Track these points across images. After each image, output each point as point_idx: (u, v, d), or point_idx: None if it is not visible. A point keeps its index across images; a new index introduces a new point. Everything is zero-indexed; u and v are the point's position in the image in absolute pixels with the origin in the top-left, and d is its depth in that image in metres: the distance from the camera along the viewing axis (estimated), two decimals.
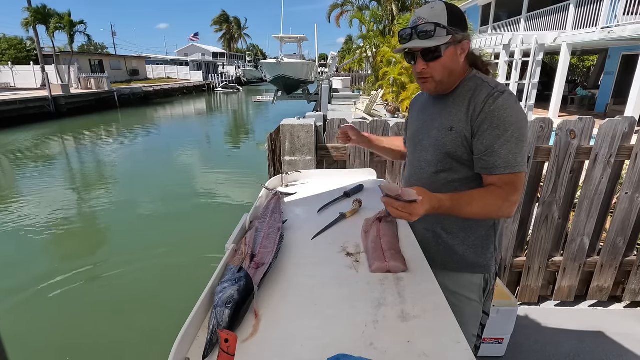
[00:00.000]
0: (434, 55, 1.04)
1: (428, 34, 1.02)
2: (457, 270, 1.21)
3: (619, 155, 2.11)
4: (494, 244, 1.21)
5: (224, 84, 41.63)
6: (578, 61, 19.45)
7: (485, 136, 1.01)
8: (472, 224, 1.18)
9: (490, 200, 1.01)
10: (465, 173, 1.11)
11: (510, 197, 1.01)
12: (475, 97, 1.04)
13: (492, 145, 1.00)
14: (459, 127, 1.06)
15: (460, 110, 1.07)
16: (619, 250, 2.34)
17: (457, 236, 1.19)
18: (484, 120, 1.01)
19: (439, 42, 1.02)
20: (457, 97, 1.10)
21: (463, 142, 1.06)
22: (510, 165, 1.00)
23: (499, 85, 1.05)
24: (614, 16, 9.17)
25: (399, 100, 12.39)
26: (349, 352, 0.65)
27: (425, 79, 1.09)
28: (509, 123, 0.99)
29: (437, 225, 1.20)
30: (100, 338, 3.41)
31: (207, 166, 10.33)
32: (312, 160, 2.24)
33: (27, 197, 7.60)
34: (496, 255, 1.23)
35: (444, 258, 1.21)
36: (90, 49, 47.12)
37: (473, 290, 1.22)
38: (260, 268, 0.89)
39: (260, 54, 71.47)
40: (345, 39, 60.06)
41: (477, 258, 1.19)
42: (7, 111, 16.25)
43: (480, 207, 1.00)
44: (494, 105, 1.00)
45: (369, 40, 19.51)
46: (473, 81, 1.10)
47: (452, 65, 1.06)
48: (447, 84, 1.10)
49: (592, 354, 2.00)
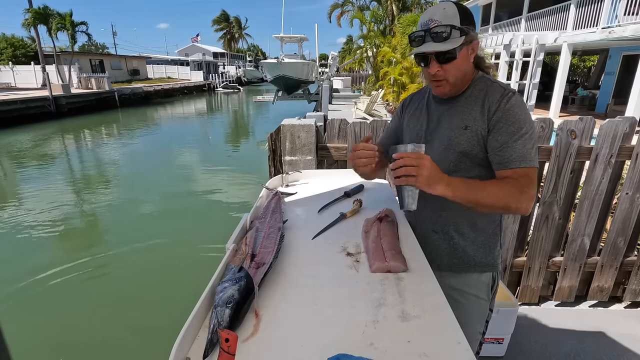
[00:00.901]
0: (449, 57, 1.03)
1: (443, 36, 1.00)
2: (466, 271, 1.21)
3: (620, 155, 2.11)
4: (500, 242, 1.22)
5: (225, 84, 41.67)
6: (579, 61, 19.45)
7: (500, 133, 1.02)
8: (482, 223, 1.17)
9: (507, 189, 0.99)
10: (478, 172, 1.10)
11: (527, 189, 0.99)
12: (489, 97, 1.05)
13: (507, 141, 1.01)
14: (475, 125, 1.06)
15: (475, 110, 1.07)
16: (619, 250, 2.33)
17: (468, 236, 1.18)
18: (500, 118, 1.02)
19: (454, 45, 1.00)
20: (470, 97, 1.10)
21: (479, 140, 1.06)
22: (525, 159, 1.00)
23: (508, 86, 1.07)
24: (614, 16, 9.16)
25: (400, 100, 12.37)
26: (349, 352, 0.65)
27: (439, 81, 1.08)
28: (523, 121, 1.01)
29: (448, 226, 1.19)
30: (101, 338, 3.42)
31: (207, 166, 10.34)
32: (313, 160, 2.24)
33: (27, 196, 7.61)
34: (502, 252, 1.24)
35: (454, 260, 1.20)
36: (91, 48, 47.18)
37: (482, 288, 1.22)
38: (261, 268, 0.89)
39: (260, 54, 71.49)
40: (345, 39, 60.12)
41: (485, 257, 1.20)
42: (8, 111, 16.27)
43: (497, 195, 0.98)
44: (509, 104, 1.02)
45: (369, 40, 19.53)
46: (483, 82, 1.10)
47: (465, 66, 1.07)
48: (460, 85, 1.10)
49: (592, 354, 2.00)
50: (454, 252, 1.20)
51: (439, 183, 0.92)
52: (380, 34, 19.66)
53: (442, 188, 0.93)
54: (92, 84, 23.99)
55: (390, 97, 14.43)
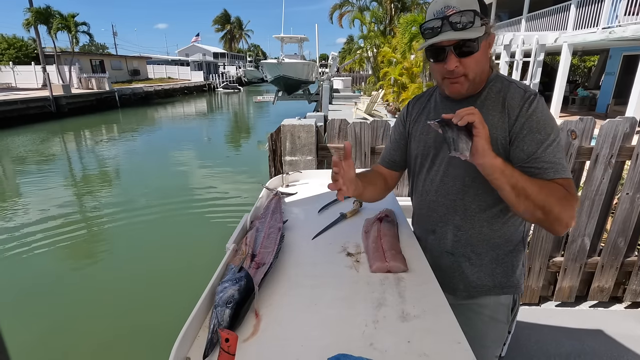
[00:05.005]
0: (470, 49, 0.89)
1: (465, 24, 0.87)
2: (484, 294, 1.09)
3: (620, 155, 2.10)
4: (523, 260, 1.10)
5: (225, 84, 41.68)
6: (579, 61, 19.42)
7: (525, 142, 0.90)
8: (501, 241, 1.05)
9: (554, 189, 0.85)
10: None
11: (572, 200, 0.85)
12: (509, 100, 0.93)
13: (535, 152, 0.88)
14: (494, 133, 0.92)
15: (493, 115, 0.94)
16: (619, 250, 2.33)
17: (486, 256, 1.06)
18: (523, 125, 0.90)
19: (478, 34, 0.88)
20: (486, 100, 0.97)
21: (499, 150, 0.92)
22: (559, 169, 0.88)
23: (527, 87, 0.95)
24: (615, 16, 9.15)
25: (400, 101, 12.39)
26: (349, 352, 0.65)
27: (457, 78, 0.94)
28: (550, 127, 0.89)
29: (465, 247, 1.07)
30: (101, 337, 3.41)
31: (207, 166, 10.33)
32: (313, 160, 2.24)
33: (27, 196, 7.62)
34: (524, 271, 1.12)
35: (471, 284, 1.09)
36: (92, 49, 47.21)
37: (501, 311, 1.10)
38: (261, 268, 0.89)
39: (261, 54, 71.53)
40: (346, 39, 60.13)
41: (507, 278, 1.07)
42: (9, 111, 16.28)
43: (542, 188, 0.84)
44: (531, 109, 0.90)
45: (369, 41, 19.53)
46: (499, 81, 0.98)
47: (484, 62, 0.94)
48: (478, 83, 0.96)
49: (592, 354, 2.00)
50: (471, 275, 1.08)
51: (490, 150, 0.82)
52: (381, 34, 19.67)
53: (493, 157, 0.82)
54: (93, 84, 24.00)
55: (391, 97, 14.43)
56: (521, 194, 0.83)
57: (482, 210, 1.02)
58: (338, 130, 2.26)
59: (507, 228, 1.04)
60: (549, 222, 0.86)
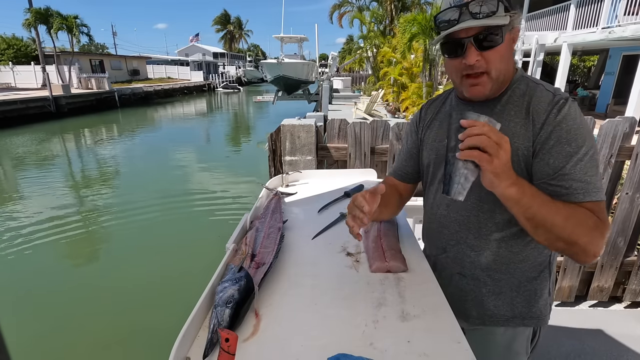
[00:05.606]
0: (494, 40, 0.77)
1: (487, 11, 0.75)
2: (501, 325, 0.96)
3: (620, 155, 2.11)
4: (549, 288, 0.95)
5: (225, 84, 41.69)
6: (579, 61, 19.43)
7: (552, 155, 0.77)
8: (523, 265, 0.91)
9: (582, 216, 0.73)
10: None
11: (602, 227, 0.73)
12: (534, 104, 0.80)
13: (564, 167, 0.75)
14: (516, 142, 0.80)
15: (516, 122, 0.82)
16: (619, 250, 2.33)
17: (505, 282, 0.93)
18: (550, 134, 0.77)
19: (503, 21, 0.75)
20: (508, 104, 0.84)
21: (519, 162, 0.81)
22: (590, 190, 0.74)
23: (557, 90, 0.82)
24: (614, 16, 9.16)
25: (400, 100, 12.38)
26: (349, 351, 0.65)
27: (478, 78, 0.81)
28: (582, 138, 0.76)
29: (479, 269, 0.94)
30: (101, 337, 3.41)
31: (207, 166, 10.33)
32: (313, 160, 2.24)
33: (27, 196, 7.61)
34: (550, 300, 0.97)
35: (486, 312, 0.96)
36: (91, 49, 47.21)
37: (519, 342, 0.97)
38: (261, 268, 0.89)
39: (260, 54, 71.54)
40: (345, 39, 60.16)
41: (528, 308, 0.94)
42: (8, 111, 16.27)
43: (567, 217, 0.72)
44: (560, 116, 0.77)
45: (369, 41, 19.52)
46: (524, 83, 0.85)
47: (509, 57, 0.81)
48: (501, 83, 0.83)
49: (592, 354, 2.00)
50: (487, 303, 0.95)
51: (509, 177, 0.69)
52: (380, 34, 19.67)
53: (509, 184, 0.70)
54: (92, 84, 23.99)
55: (390, 97, 14.42)
56: (540, 226, 0.73)
57: (499, 229, 0.89)
58: (338, 130, 2.26)
59: (529, 251, 0.90)
60: (572, 252, 0.75)
